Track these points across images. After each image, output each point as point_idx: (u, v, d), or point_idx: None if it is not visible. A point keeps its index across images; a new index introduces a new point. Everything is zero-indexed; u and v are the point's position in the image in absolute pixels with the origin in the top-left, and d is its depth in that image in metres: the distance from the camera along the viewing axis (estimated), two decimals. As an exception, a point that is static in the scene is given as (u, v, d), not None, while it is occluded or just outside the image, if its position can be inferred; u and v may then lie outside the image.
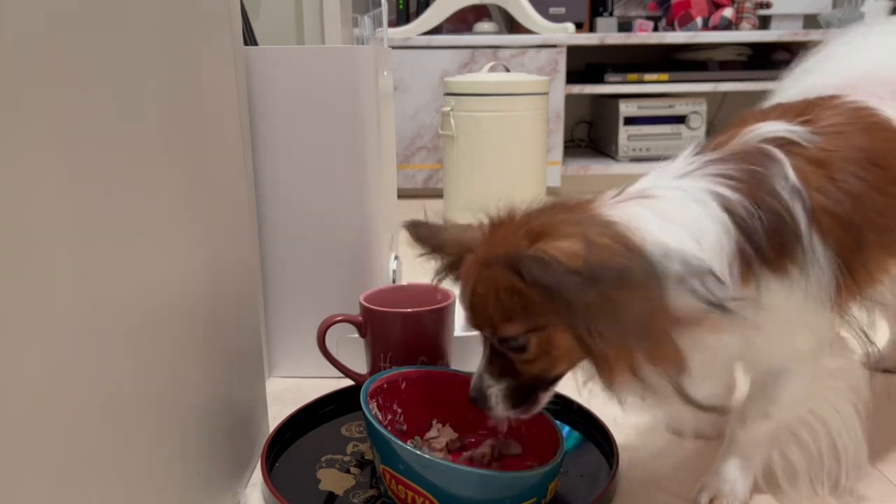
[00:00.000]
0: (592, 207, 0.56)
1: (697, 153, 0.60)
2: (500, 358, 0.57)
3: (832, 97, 0.64)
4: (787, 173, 0.55)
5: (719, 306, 0.51)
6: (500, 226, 0.57)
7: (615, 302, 0.48)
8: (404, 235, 0.65)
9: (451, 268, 0.62)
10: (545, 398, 0.58)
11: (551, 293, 0.49)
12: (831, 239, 0.56)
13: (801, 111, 0.62)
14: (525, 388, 0.57)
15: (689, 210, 0.54)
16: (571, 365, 0.57)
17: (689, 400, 0.53)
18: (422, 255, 0.63)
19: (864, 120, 0.61)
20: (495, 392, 0.57)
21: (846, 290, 0.58)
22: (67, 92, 0.38)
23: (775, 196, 0.55)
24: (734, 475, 0.66)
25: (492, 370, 0.57)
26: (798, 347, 0.61)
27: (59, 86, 0.37)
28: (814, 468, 0.64)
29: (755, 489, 0.67)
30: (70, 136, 0.38)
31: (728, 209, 0.54)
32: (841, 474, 0.64)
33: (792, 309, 0.57)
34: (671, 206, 0.55)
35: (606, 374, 0.52)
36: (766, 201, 0.54)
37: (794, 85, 0.74)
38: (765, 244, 0.54)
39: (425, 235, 0.63)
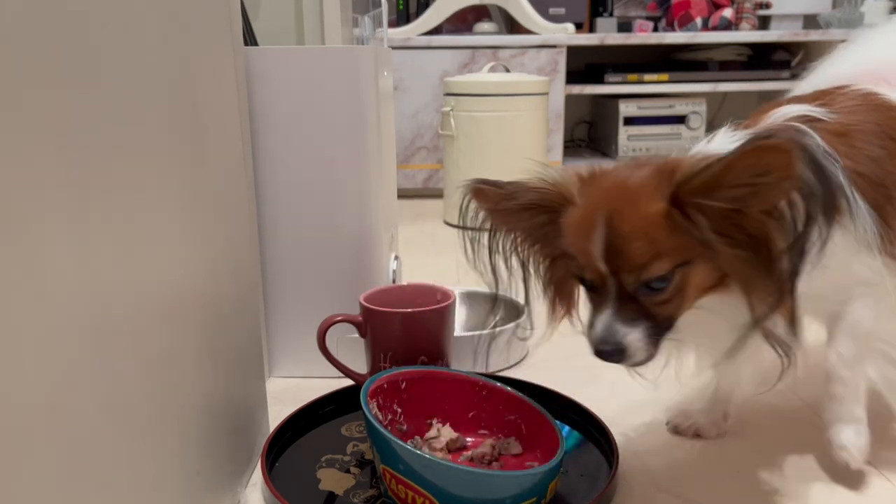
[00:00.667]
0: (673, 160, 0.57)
1: (734, 130, 0.62)
2: (631, 303, 0.56)
3: (840, 87, 0.68)
4: (818, 141, 0.59)
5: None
6: (597, 178, 0.57)
7: None
8: (469, 199, 0.61)
9: (534, 225, 0.60)
10: (665, 342, 0.58)
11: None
12: (865, 195, 0.60)
13: (815, 98, 0.66)
14: (658, 331, 0.56)
15: None
16: (696, 300, 0.57)
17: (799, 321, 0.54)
18: (491, 208, 0.61)
19: (873, 101, 0.66)
20: (635, 338, 0.55)
21: (888, 240, 0.61)
22: (67, 92, 0.38)
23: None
24: (855, 408, 0.67)
25: (623, 317, 0.55)
26: (858, 278, 0.63)
27: (58, 86, 0.37)
28: None
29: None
30: (70, 136, 0.38)
31: None
32: None
33: (846, 251, 0.60)
34: None
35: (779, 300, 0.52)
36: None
37: (812, 81, 0.78)
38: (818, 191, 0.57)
39: (503, 194, 0.60)
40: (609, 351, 0.56)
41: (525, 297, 0.66)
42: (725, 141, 0.61)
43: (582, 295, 0.64)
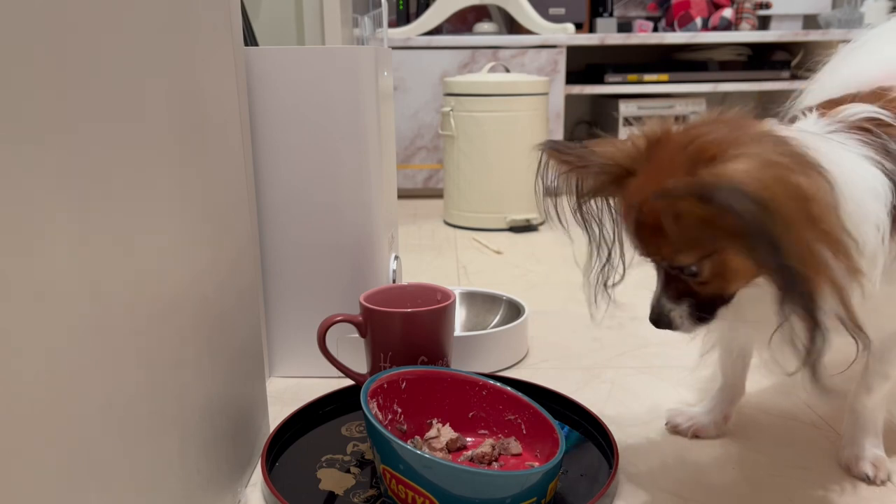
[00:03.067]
0: (760, 125, 0.56)
1: (822, 116, 0.61)
2: (675, 281, 0.58)
3: (886, 88, 0.65)
4: None
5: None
6: (659, 144, 0.57)
7: (802, 221, 0.49)
8: (546, 159, 0.61)
9: (599, 190, 0.61)
10: (723, 311, 0.59)
11: (742, 220, 0.48)
12: None
13: (871, 101, 0.63)
14: (706, 304, 0.58)
15: (855, 157, 0.55)
16: (748, 281, 0.57)
17: (854, 314, 0.53)
18: (564, 171, 0.61)
19: None
20: (678, 313, 0.59)
21: None
22: (67, 92, 0.38)
23: None
24: (874, 439, 0.70)
25: (669, 293, 0.59)
26: None
27: (58, 87, 0.37)
28: None
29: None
30: (70, 136, 0.38)
31: (881, 169, 0.56)
32: None
33: None
34: (838, 147, 0.56)
35: (812, 291, 0.50)
36: None
37: (829, 78, 0.75)
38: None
39: (571, 158, 0.61)
40: (656, 321, 0.60)
41: (614, 239, 0.66)
42: (826, 125, 0.59)
43: None
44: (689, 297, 0.58)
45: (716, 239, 0.53)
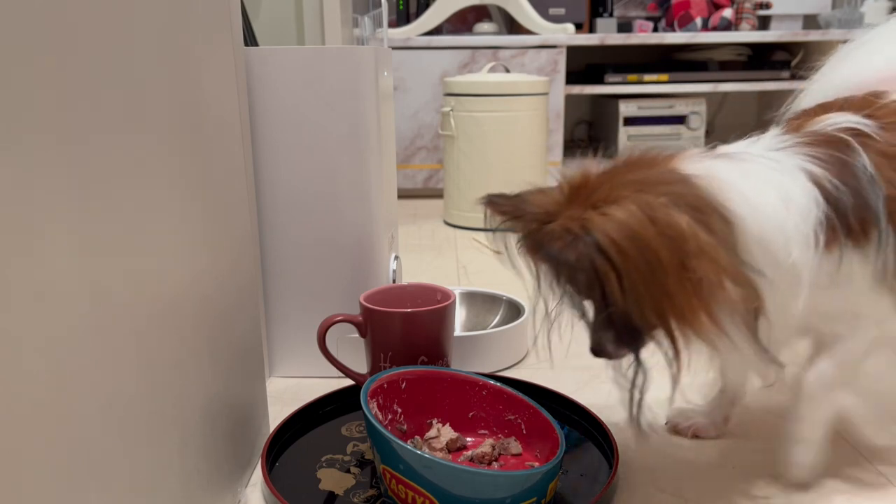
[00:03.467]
0: (671, 163, 0.58)
1: (784, 133, 0.63)
2: (601, 311, 0.60)
3: (879, 93, 0.66)
4: (865, 162, 0.59)
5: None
6: (578, 190, 0.58)
7: (669, 261, 0.51)
8: (489, 211, 0.65)
9: (531, 235, 0.63)
10: (655, 337, 0.60)
11: (568, 271, 0.52)
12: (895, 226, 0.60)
13: (859, 107, 0.64)
14: (630, 333, 0.59)
15: (779, 176, 0.58)
16: None
17: (759, 345, 0.55)
18: (502, 222, 0.63)
19: None
20: (608, 339, 0.61)
21: None
22: (67, 93, 0.38)
23: (857, 180, 0.59)
24: (815, 430, 0.68)
25: (599, 323, 0.60)
26: (861, 316, 0.63)
27: (59, 87, 0.37)
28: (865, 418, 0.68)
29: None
30: (70, 136, 0.38)
31: (817, 183, 0.58)
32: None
33: (864, 281, 0.61)
34: (762, 170, 0.58)
35: (682, 329, 0.54)
36: (851, 183, 0.59)
37: (826, 80, 0.76)
38: (850, 217, 0.58)
39: (506, 208, 0.62)
40: (595, 350, 0.62)
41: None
42: (777, 142, 0.61)
43: None
44: (615, 325, 0.59)
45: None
